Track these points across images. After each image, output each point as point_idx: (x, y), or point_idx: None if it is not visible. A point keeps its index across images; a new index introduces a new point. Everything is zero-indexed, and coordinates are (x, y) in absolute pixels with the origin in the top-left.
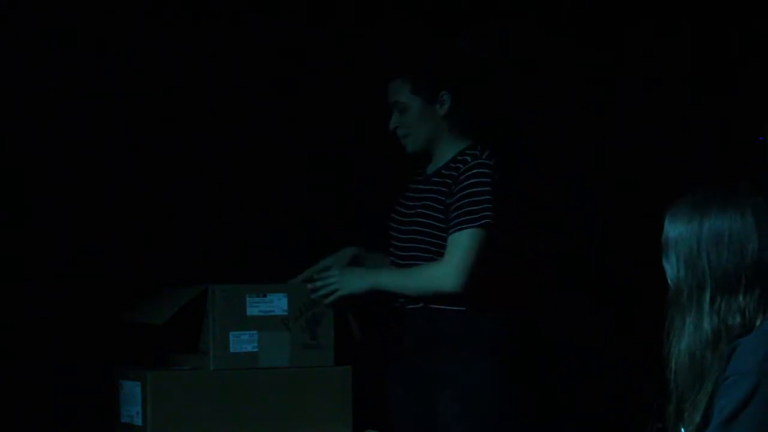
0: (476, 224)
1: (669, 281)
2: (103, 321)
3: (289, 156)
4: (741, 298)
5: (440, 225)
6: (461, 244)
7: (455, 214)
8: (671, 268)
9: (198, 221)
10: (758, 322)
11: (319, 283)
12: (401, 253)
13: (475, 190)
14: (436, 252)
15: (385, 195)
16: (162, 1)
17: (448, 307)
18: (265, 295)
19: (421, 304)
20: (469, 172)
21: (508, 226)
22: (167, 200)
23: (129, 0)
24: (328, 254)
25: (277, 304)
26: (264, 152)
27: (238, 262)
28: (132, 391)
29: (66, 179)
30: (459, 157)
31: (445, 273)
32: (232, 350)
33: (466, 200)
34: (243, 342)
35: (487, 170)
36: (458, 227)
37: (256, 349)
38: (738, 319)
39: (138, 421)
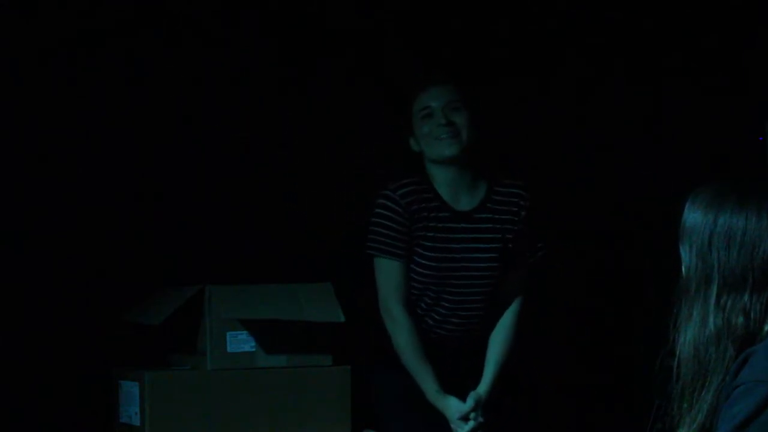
0: None
1: (683, 267)
2: (103, 321)
3: (289, 156)
4: (746, 298)
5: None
6: None
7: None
8: (686, 255)
9: (198, 221)
10: (767, 327)
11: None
12: (466, 291)
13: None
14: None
15: None
16: (164, 1)
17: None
18: None
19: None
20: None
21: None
22: (167, 200)
23: (129, 1)
24: (327, 254)
25: None
26: (264, 152)
27: (238, 262)
28: (130, 391)
29: (66, 179)
30: (510, 191)
31: None
32: (229, 350)
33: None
34: (240, 342)
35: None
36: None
37: (254, 349)
38: (741, 318)
39: (136, 421)
